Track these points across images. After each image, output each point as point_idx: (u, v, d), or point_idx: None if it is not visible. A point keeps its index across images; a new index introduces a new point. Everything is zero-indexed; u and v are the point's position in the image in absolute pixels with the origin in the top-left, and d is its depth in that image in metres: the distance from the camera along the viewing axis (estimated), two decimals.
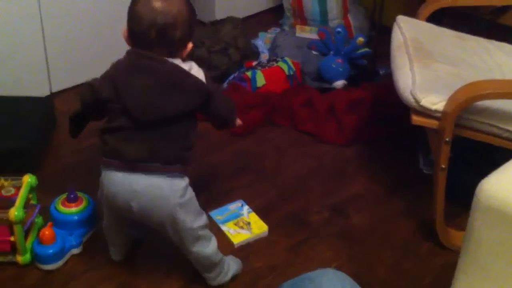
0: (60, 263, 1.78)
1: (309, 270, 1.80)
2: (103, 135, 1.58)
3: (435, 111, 1.77)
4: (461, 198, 1.90)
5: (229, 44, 2.73)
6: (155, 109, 1.50)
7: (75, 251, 1.82)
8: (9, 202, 1.74)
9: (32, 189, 1.82)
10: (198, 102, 1.55)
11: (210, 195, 2.05)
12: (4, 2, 2.27)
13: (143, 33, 1.51)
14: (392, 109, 2.26)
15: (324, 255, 1.88)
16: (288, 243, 1.91)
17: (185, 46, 1.57)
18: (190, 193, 1.60)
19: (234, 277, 1.77)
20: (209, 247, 1.66)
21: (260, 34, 3.08)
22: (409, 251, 1.91)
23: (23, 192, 1.76)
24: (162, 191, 1.54)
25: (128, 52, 1.56)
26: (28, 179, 1.81)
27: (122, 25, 1.58)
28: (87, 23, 2.52)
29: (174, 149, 1.54)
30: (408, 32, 2.14)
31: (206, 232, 1.66)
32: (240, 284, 1.76)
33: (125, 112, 1.52)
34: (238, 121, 1.80)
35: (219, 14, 3.04)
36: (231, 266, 1.76)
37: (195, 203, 1.63)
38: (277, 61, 2.66)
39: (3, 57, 2.34)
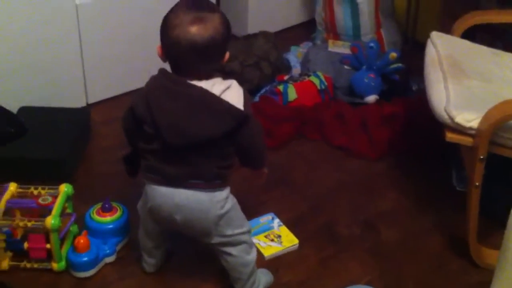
0: (93, 271, 1.81)
1: (338, 285, 1.82)
2: (143, 152, 1.61)
3: (470, 128, 1.76)
4: (495, 216, 1.90)
5: (261, 58, 2.75)
6: (184, 134, 1.49)
7: (109, 259, 1.85)
8: (46, 210, 1.79)
9: (68, 198, 1.86)
10: (229, 127, 1.49)
11: (241, 207, 2.05)
12: (44, 18, 2.33)
13: (181, 57, 1.51)
14: (425, 124, 2.25)
15: (354, 270, 1.87)
16: (318, 257, 1.92)
17: (223, 58, 1.57)
18: (231, 202, 1.62)
19: None
20: (250, 254, 1.69)
21: (292, 48, 3.09)
22: (440, 268, 1.90)
23: (59, 201, 1.80)
24: (202, 204, 1.57)
25: (161, 72, 1.56)
26: (65, 189, 1.85)
27: (156, 40, 1.59)
28: (123, 37, 2.57)
29: (213, 168, 1.55)
30: (443, 48, 2.13)
31: (249, 238, 1.69)
32: None
33: (158, 136, 1.52)
34: (265, 170, 1.75)
35: (252, 29, 3.07)
36: (262, 279, 1.77)
37: (237, 211, 1.66)
38: (309, 75, 2.67)
39: (42, 69, 2.41)
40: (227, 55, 1.56)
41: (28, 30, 2.31)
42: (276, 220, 2.03)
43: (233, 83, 1.55)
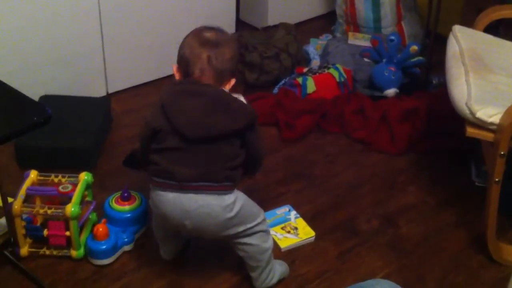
0: (112, 259, 1.82)
1: (356, 278, 1.82)
2: (152, 156, 1.62)
3: (491, 123, 1.75)
4: None
5: (281, 50, 2.74)
6: (202, 127, 1.56)
7: (127, 248, 1.87)
8: (66, 198, 1.80)
9: (88, 187, 1.88)
10: (243, 124, 1.60)
11: (259, 199, 2.05)
12: (67, 9, 2.35)
13: (197, 76, 1.62)
14: (445, 119, 2.24)
15: (372, 264, 1.87)
16: (336, 250, 1.92)
17: (229, 81, 1.66)
18: (240, 203, 1.62)
19: (280, 281, 1.79)
20: (267, 241, 1.71)
21: (312, 40, 3.08)
22: (460, 264, 1.89)
23: (79, 189, 1.82)
24: (212, 209, 1.58)
25: (173, 82, 1.65)
26: (85, 177, 1.87)
27: (176, 30, 1.59)
28: (144, 28, 2.59)
29: (224, 169, 1.58)
30: (465, 42, 2.11)
31: (264, 226, 1.70)
32: None
33: (175, 132, 1.57)
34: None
35: (272, 20, 3.07)
36: (277, 269, 1.77)
37: (247, 207, 1.66)
38: (328, 68, 2.66)
39: (64, 59, 2.43)
40: (233, 81, 1.67)
41: (50, 20, 2.33)
42: (293, 212, 2.03)
43: (240, 96, 1.69)
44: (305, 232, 1.96)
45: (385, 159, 2.33)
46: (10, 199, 1.80)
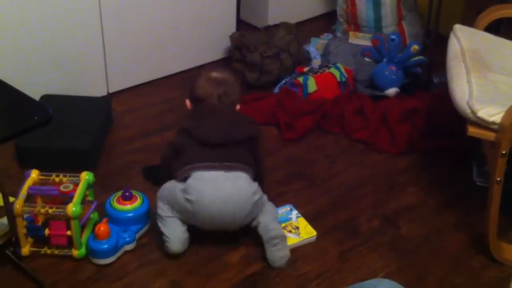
0: (113, 258, 1.82)
1: (356, 278, 1.82)
2: (181, 149, 1.89)
3: (492, 123, 1.75)
4: None
5: (282, 50, 2.74)
6: (221, 134, 1.89)
7: (129, 247, 1.87)
8: (67, 197, 1.80)
9: (89, 186, 1.88)
10: (248, 133, 1.94)
11: None
12: (67, 8, 2.35)
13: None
14: (446, 119, 2.24)
15: (372, 264, 1.87)
16: (336, 250, 1.92)
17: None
18: (260, 193, 1.90)
19: (281, 282, 1.79)
20: (274, 210, 1.93)
21: (312, 39, 3.08)
22: (461, 264, 1.89)
23: (80, 188, 1.82)
24: (242, 182, 1.84)
25: (193, 109, 2.01)
26: (86, 176, 1.87)
27: (176, 30, 1.59)
28: (144, 28, 2.59)
29: (247, 154, 1.90)
30: (466, 41, 2.11)
31: (265, 197, 1.92)
32: None
33: (196, 139, 1.88)
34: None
35: (272, 20, 3.07)
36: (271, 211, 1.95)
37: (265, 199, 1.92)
38: (329, 67, 2.66)
39: (65, 59, 2.43)
40: (238, 107, 2.04)
41: (50, 19, 2.33)
42: (294, 212, 2.03)
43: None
44: (307, 232, 1.96)
45: (385, 159, 2.33)
46: (11, 199, 1.80)
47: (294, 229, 1.97)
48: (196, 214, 1.82)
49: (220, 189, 1.81)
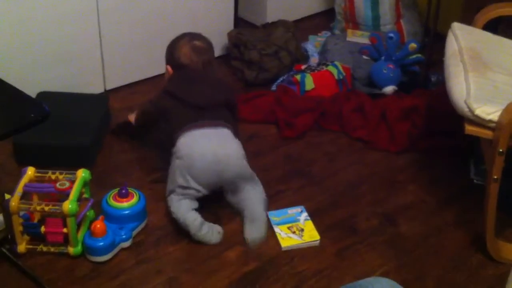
0: (110, 255, 1.82)
1: (354, 276, 1.82)
2: (166, 128, 2.05)
3: (490, 121, 1.74)
4: None
5: (280, 48, 2.74)
6: (208, 97, 2.07)
7: (125, 244, 1.86)
8: (63, 195, 1.80)
9: (85, 184, 1.87)
10: (228, 97, 2.14)
11: None
12: (64, 5, 2.34)
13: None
14: (445, 117, 2.23)
15: (370, 262, 1.87)
16: (334, 248, 1.91)
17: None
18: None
19: (279, 279, 1.79)
20: (262, 190, 2.04)
21: (310, 37, 3.08)
22: (459, 262, 1.88)
23: (77, 186, 1.81)
24: (230, 136, 2.01)
25: (176, 74, 2.15)
26: (82, 174, 1.86)
27: (175, 27, 1.58)
28: (141, 26, 2.58)
29: (227, 115, 2.08)
30: (464, 40, 2.10)
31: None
32: (284, 286, 1.77)
33: (185, 104, 2.03)
34: None
35: (271, 17, 3.06)
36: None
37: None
38: (326, 65, 2.66)
39: (62, 56, 2.42)
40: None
41: (47, 17, 2.32)
42: (304, 214, 2.02)
43: None
44: (310, 235, 1.94)
45: (384, 157, 2.32)
46: (7, 196, 1.79)
47: (298, 231, 1.96)
48: (190, 169, 1.91)
49: (210, 141, 1.96)
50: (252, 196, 1.98)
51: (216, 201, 2.02)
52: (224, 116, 2.06)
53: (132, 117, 2.28)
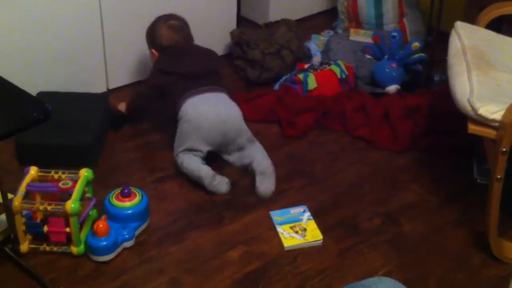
0: (112, 255, 1.82)
1: (357, 276, 1.81)
2: (166, 103, 2.20)
3: (493, 120, 1.74)
4: None
5: (283, 47, 2.73)
6: (201, 66, 2.23)
7: (128, 244, 1.86)
8: (66, 194, 1.80)
9: (88, 183, 1.87)
10: (218, 63, 2.35)
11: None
12: (68, 5, 2.34)
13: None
14: (447, 116, 2.23)
15: (373, 262, 1.86)
16: (337, 248, 1.91)
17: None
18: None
19: (281, 279, 1.78)
20: (263, 149, 2.19)
21: (313, 36, 3.07)
22: (462, 262, 1.88)
23: (79, 185, 1.81)
24: (229, 99, 2.19)
25: (163, 54, 2.29)
26: (85, 173, 1.86)
27: None
28: (144, 24, 2.56)
29: (221, 84, 2.24)
30: (467, 39, 2.10)
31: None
32: (287, 286, 1.77)
33: (180, 76, 2.17)
34: None
35: (273, 16, 3.06)
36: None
37: None
38: (329, 64, 2.65)
39: (65, 55, 2.42)
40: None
41: (51, 16, 2.32)
42: (307, 214, 2.02)
43: None
44: (313, 235, 1.94)
45: (386, 156, 2.32)
46: (10, 196, 1.79)
47: (301, 230, 1.95)
48: (198, 130, 2.08)
49: (212, 104, 2.11)
50: (258, 151, 2.14)
51: (220, 202, 2.02)
52: (218, 82, 2.22)
53: (122, 106, 2.37)
